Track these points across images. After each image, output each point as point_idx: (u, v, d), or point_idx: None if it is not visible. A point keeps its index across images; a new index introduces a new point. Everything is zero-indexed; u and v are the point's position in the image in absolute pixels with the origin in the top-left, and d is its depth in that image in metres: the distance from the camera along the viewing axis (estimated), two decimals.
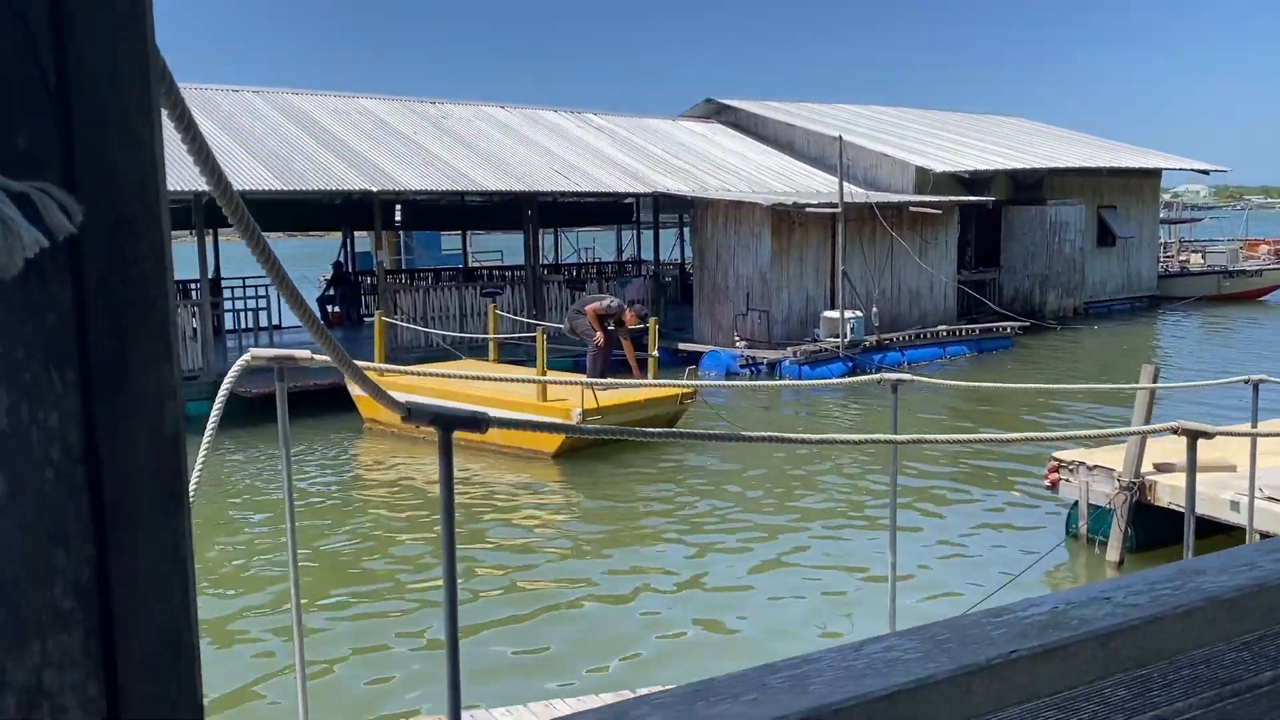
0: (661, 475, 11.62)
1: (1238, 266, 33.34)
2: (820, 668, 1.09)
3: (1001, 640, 1.14)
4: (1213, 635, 1.26)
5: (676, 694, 1.03)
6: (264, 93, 20.70)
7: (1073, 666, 1.14)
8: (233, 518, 10.48)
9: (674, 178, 22.01)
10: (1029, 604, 1.25)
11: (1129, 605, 1.22)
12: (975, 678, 1.08)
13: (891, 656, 1.11)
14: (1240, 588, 1.28)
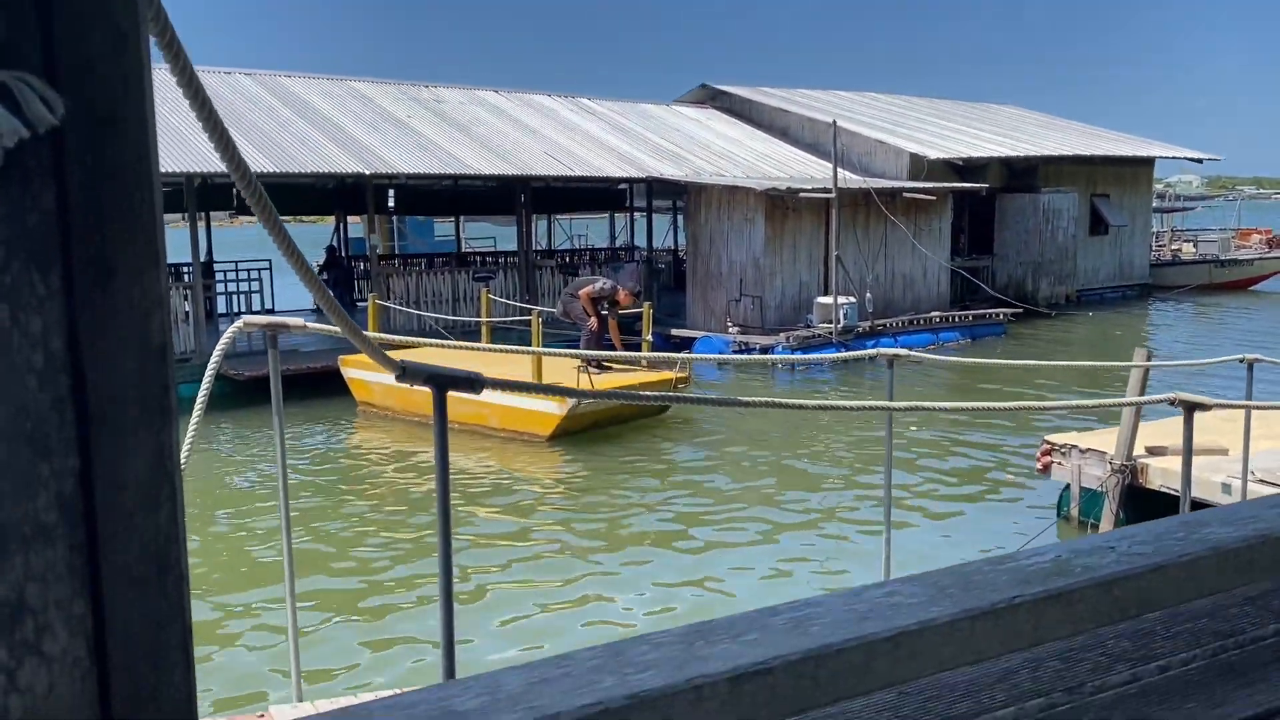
0: (657, 460, 11.62)
1: (1229, 256, 33.41)
2: (821, 610, 1.07)
3: (1005, 586, 1.12)
4: (1217, 584, 1.25)
5: (675, 634, 1.01)
6: (256, 75, 20.58)
7: (1077, 612, 1.13)
8: (227, 495, 10.45)
9: (668, 163, 21.96)
10: (1033, 553, 1.23)
11: (1133, 554, 1.21)
12: (979, 621, 1.07)
13: (894, 601, 1.09)
14: (1245, 539, 1.26)
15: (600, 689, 0.88)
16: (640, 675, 0.91)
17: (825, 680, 0.98)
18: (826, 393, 15.83)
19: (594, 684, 0.89)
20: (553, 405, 11.95)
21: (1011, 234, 25.03)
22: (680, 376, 13.09)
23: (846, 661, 1.00)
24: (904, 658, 1.03)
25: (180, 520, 0.70)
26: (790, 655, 0.96)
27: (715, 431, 13.00)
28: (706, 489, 10.42)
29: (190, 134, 16.36)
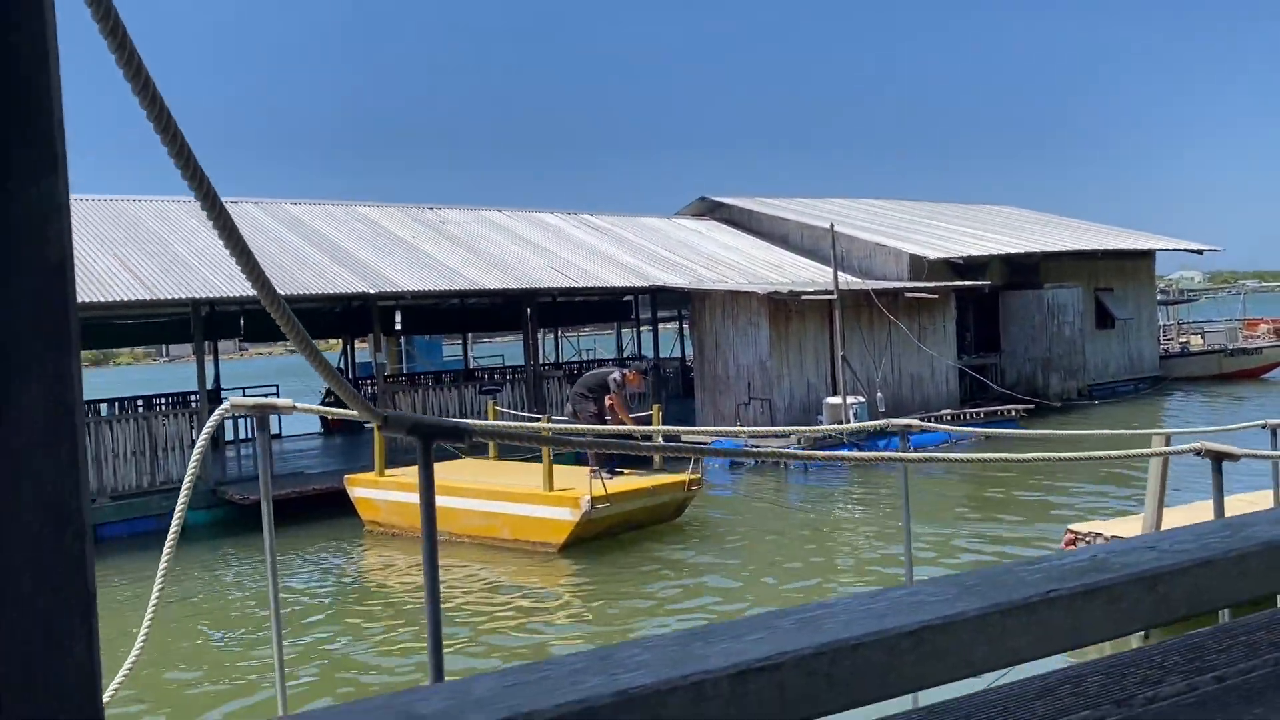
0: (672, 566, 11.34)
1: (1238, 345, 33.36)
2: (835, 611, 0.96)
3: (1037, 582, 1.01)
4: (1271, 583, 1.13)
5: (671, 637, 0.90)
6: (263, 203, 20.99)
7: (1119, 611, 1.01)
8: (229, 619, 10.20)
9: (671, 272, 22.17)
10: (1065, 554, 1.12)
11: (1176, 551, 1.10)
12: (1011, 617, 0.95)
13: (916, 600, 0.98)
14: None
15: (584, 688, 0.77)
16: (630, 674, 0.80)
17: (841, 680, 0.87)
18: (836, 499, 15.60)
19: (577, 684, 0.78)
20: (565, 512, 11.74)
21: (1018, 330, 25.06)
22: (694, 478, 12.92)
23: (864, 659, 0.88)
24: (929, 656, 0.91)
25: (82, 467, 0.61)
26: (801, 651, 0.85)
27: (730, 536, 12.76)
28: (722, 593, 10.15)
29: (195, 262, 16.59)
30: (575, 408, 13.39)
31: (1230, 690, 1.09)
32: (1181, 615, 1.07)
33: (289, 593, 11.16)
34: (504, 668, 0.84)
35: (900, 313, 21.14)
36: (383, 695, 0.80)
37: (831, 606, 0.97)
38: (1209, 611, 1.13)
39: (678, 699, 0.78)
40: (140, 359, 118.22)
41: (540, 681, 0.78)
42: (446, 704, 0.74)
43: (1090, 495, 14.05)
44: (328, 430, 23.90)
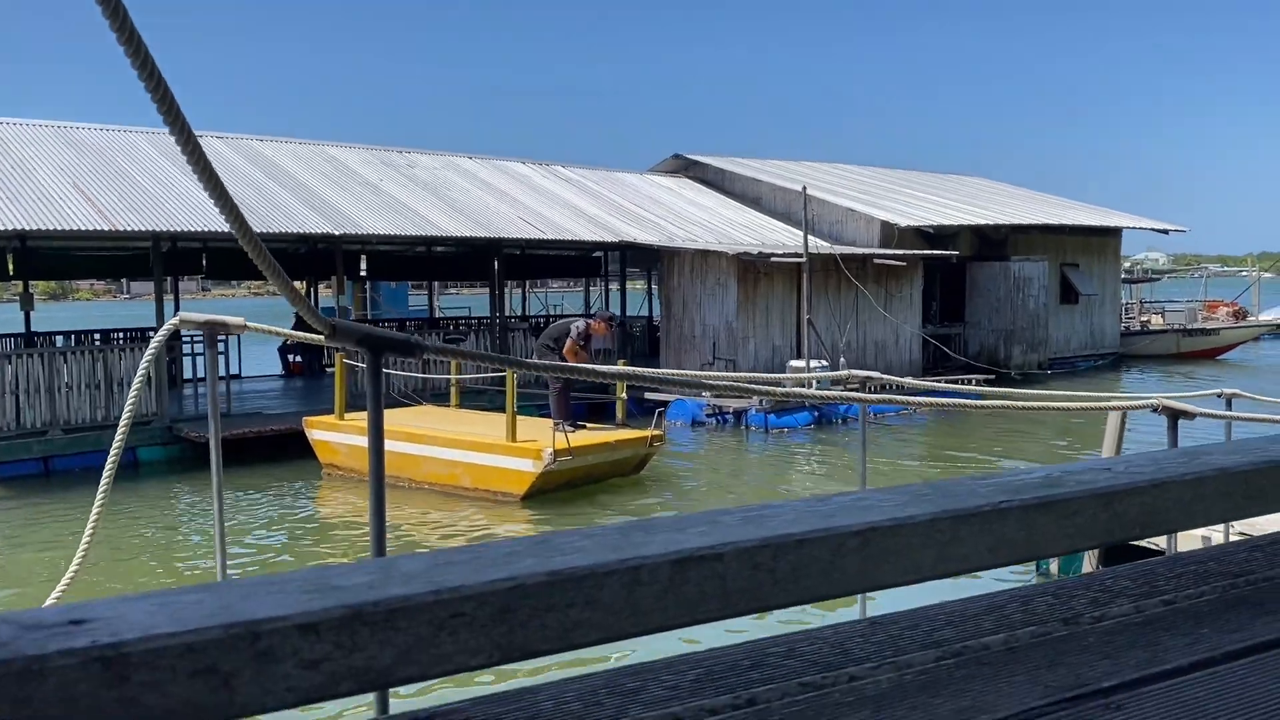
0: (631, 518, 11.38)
1: (1196, 325, 33.84)
2: (782, 510, 0.93)
3: (990, 494, 0.98)
4: (1225, 512, 1.12)
5: (611, 527, 0.87)
6: (228, 139, 20.59)
7: (1073, 525, 0.99)
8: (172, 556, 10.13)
9: (642, 229, 22.05)
10: (1019, 471, 1.10)
11: (1132, 473, 1.08)
12: (962, 524, 0.93)
13: (864, 504, 0.95)
14: (1253, 464, 1.14)
15: (517, 566, 0.74)
16: (566, 557, 0.77)
17: (784, 575, 0.84)
18: (797, 459, 15.71)
19: (510, 564, 0.75)
20: (527, 463, 11.73)
21: (983, 301, 25.22)
22: (656, 434, 12.94)
23: (809, 555, 0.85)
24: (875, 557, 0.88)
25: None
26: (744, 543, 0.82)
27: (690, 493, 12.82)
28: None
29: (159, 194, 16.27)
30: (540, 359, 13.35)
31: (1177, 612, 1.08)
32: (1135, 534, 1.06)
33: (240, 531, 11.09)
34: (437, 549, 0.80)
35: (868, 279, 21.20)
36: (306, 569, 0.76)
37: (779, 506, 0.94)
38: (1163, 533, 1.11)
39: (614, 582, 0.75)
40: (100, 294, 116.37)
41: (472, 561, 0.75)
42: (370, 578, 0.71)
43: (1047, 446, 14.25)
44: (288, 372, 23.69)
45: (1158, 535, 1.11)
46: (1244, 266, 68.59)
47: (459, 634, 0.69)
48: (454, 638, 0.69)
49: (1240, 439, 1.28)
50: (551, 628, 0.72)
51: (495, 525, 11.12)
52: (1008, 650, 0.97)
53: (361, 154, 22.09)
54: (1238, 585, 1.16)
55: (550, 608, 0.72)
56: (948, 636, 0.99)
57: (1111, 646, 0.98)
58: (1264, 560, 1.25)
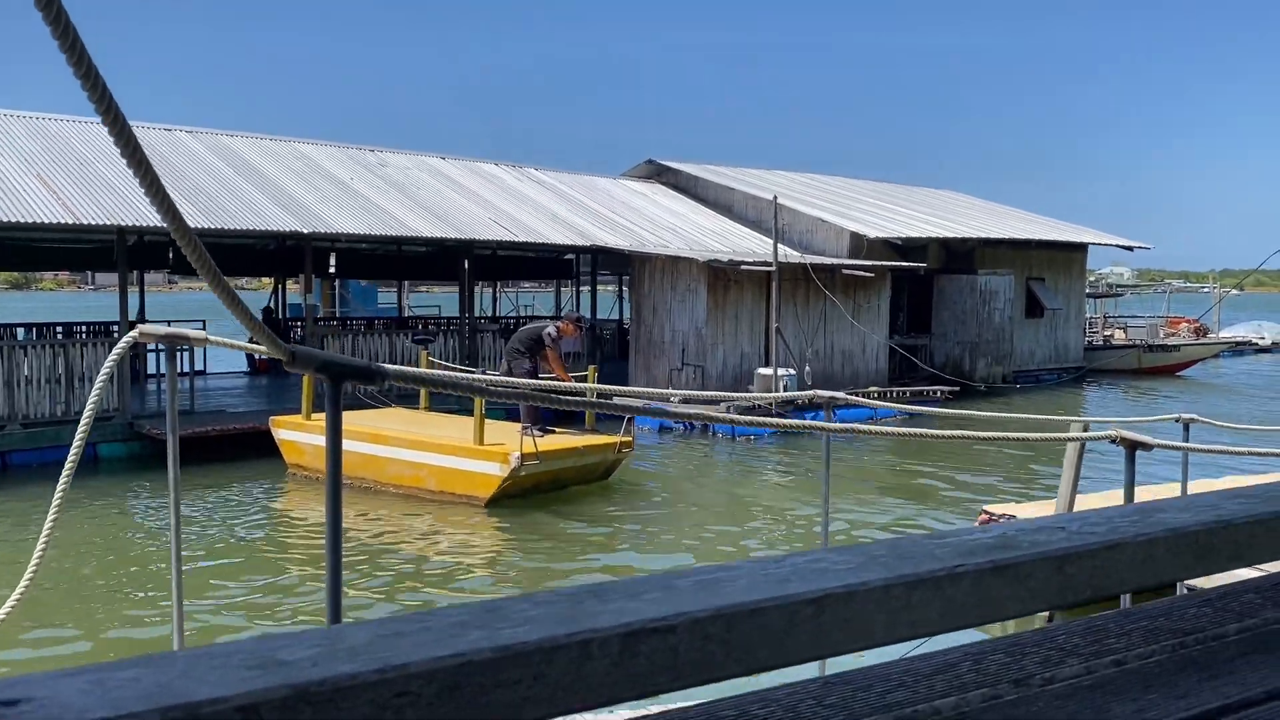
0: (597, 525, 11.36)
1: (1157, 342, 34.30)
2: (737, 574, 0.93)
3: (945, 556, 0.99)
4: (1175, 571, 1.13)
5: (564, 593, 0.86)
6: (197, 133, 20.38)
7: (1026, 589, 1.00)
8: (131, 556, 9.99)
9: (614, 233, 22.04)
10: (974, 530, 1.10)
11: (1085, 533, 1.09)
12: (916, 590, 0.93)
13: (819, 566, 0.95)
14: (1204, 524, 1.15)
15: (464, 641, 0.73)
16: (514, 629, 0.76)
17: (737, 645, 0.84)
18: (763, 468, 15.76)
19: (457, 636, 0.74)
20: (494, 467, 11.66)
21: (949, 314, 25.43)
22: (625, 440, 12.89)
23: (762, 625, 0.85)
24: (829, 625, 0.88)
25: None
26: (697, 614, 0.82)
27: (655, 499, 12.81)
28: (642, 554, 10.20)
29: (123, 187, 16.08)
30: (510, 364, 13.25)
31: (1128, 674, 1.09)
32: (1086, 598, 1.07)
33: (198, 531, 10.96)
34: (384, 616, 0.79)
35: (837, 289, 21.32)
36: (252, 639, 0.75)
37: (733, 570, 0.93)
38: (1113, 596, 1.12)
39: (563, 657, 0.74)
40: (64, 285, 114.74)
41: (420, 632, 0.74)
42: (315, 651, 0.70)
43: (1007, 478, 14.39)
44: (255, 370, 23.47)
45: (1109, 596, 1.12)
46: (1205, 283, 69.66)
47: (404, 713, 0.68)
48: (399, 716, 0.68)
49: (1192, 495, 1.29)
50: (498, 704, 0.71)
51: (458, 532, 11.05)
52: (958, 715, 0.97)
53: (333, 151, 21.94)
54: (1186, 644, 1.17)
55: (498, 684, 0.71)
56: (900, 699, 0.99)
57: (1062, 713, 0.99)
58: (1212, 616, 1.26)
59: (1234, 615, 1.26)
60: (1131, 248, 33.37)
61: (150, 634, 7.73)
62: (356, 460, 12.41)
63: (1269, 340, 46.83)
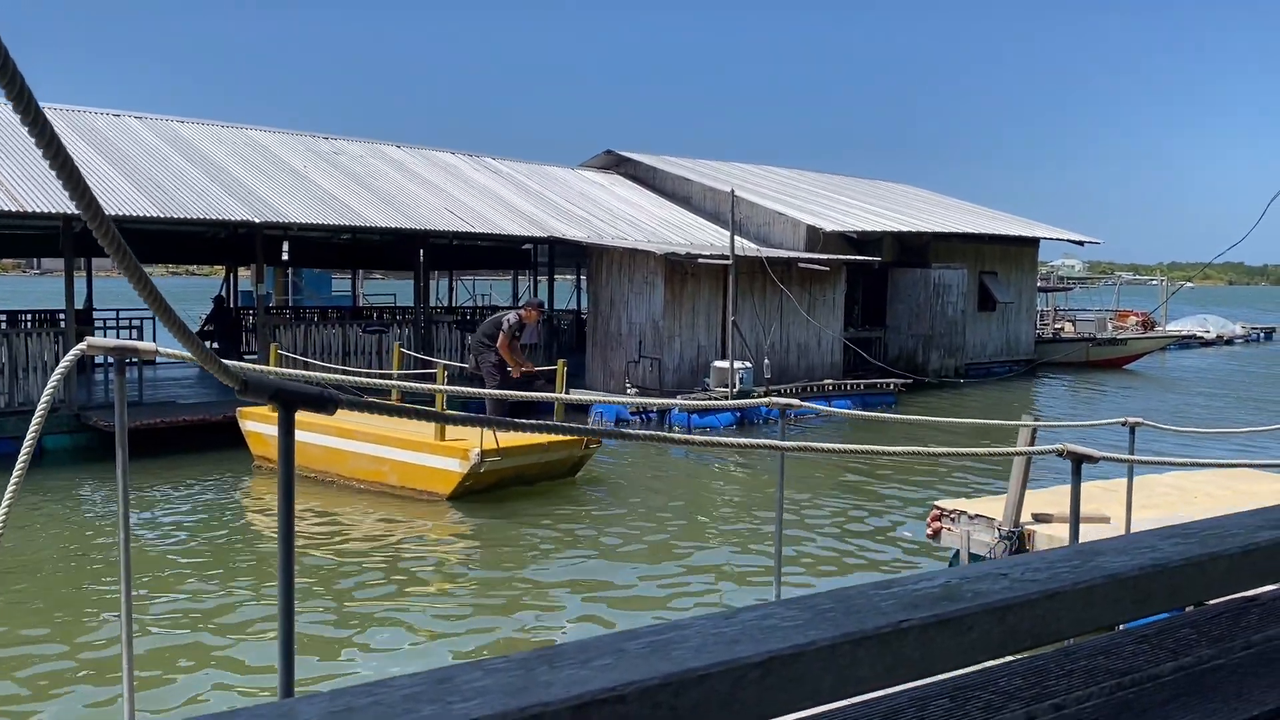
0: (559, 522, 11.27)
1: (1106, 335, 34.93)
2: (687, 634, 0.94)
3: (891, 610, 1.01)
4: (1113, 616, 1.16)
5: (516, 659, 0.87)
6: (147, 119, 20.01)
7: (967, 641, 1.02)
8: (78, 555, 9.83)
9: (571, 224, 21.99)
10: (920, 577, 1.13)
11: (1027, 580, 1.12)
12: (861, 647, 0.95)
13: (768, 624, 0.97)
14: (1141, 568, 1.18)
15: (416, 717, 0.73)
16: (466, 704, 0.76)
17: (686, 711, 0.85)
18: (722, 464, 15.85)
19: (409, 712, 0.74)
20: (454, 463, 11.54)
21: (903, 307, 25.69)
22: (591, 439, 12.80)
23: (710, 690, 0.86)
24: (775, 686, 0.90)
25: None
26: (647, 681, 0.83)
27: (618, 494, 12.79)
28: (601, 550, 10.22)
29: None
30: (476, 358, 13.12)
31: (1066, 719, 1.12)
32: (1028, 645, 1.09)
33: (151, 531, 10.81)
34: (335, 689, 0.79)
35: (793, 282, 21.44)
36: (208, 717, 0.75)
37: (685, 629, 0.95)
38: (1055, 641, 1.15)
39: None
40: (9, 269, 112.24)
41: (371, 707, 0.74)
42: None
43: (960, 470, 14.59)
44: None
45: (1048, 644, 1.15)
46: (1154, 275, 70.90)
47: None
48: None
49: (1131, 536, 1.33)
50: None
51: (417, 530, 10.97)
52: None
53: (286, 139, 21.65)
54: (1124, 686, 1.20)
55: None
56: None
57: None
58: (1149, 654, 1.30)
59: (1169, 653, 1.30)
60: (1082, 242, 33.91)
61: (98, 654, 7.62)
62: (319, 454, 12.29)
63: (1214, 334, 47.88)
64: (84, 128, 18.38)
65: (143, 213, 15.57)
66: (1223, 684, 1.22)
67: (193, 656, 7.15)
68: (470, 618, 8.22)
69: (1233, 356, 41.14)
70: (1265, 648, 1.33)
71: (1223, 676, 1.24)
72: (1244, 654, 1.32)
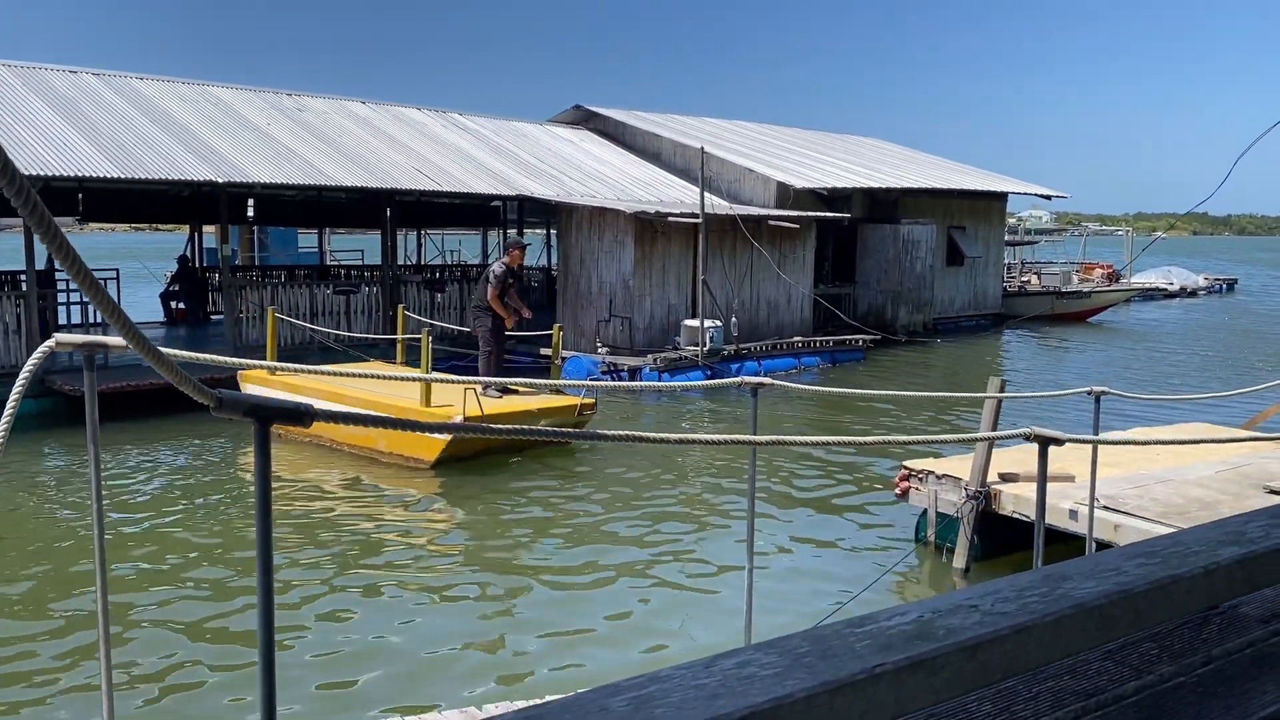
0: (541, 487, 11.18)
1: (1070, 288, 35.25)
2: (668, 688, 0.96)
3: (866, 652, 1.04)
4: (1080, 644, 1.20)
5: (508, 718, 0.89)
6: (105, 76, 19.57)
7: (939, 681, 1.05)
8: (41, 529, 9.77)
9: (540, 182, 21.82)
10: (894, 613, 1.15)
11: (997, 614, 1.15)
12: (838, 696, 0.98)
13: (746, 673, 0.99)
14: (1107, 594, 1.22)
15: None
16: None
17: None
18: (693, 416, 15.92)
19: None
20: None
21: (872, 263, 25.78)
22: (587, 402, 12.44)
23: None
24: None
25: None
26: None
27: (597, 458, 12.62)
28: (588, 511, 10.26)
29: (28, 137, 15.44)
30: (474, 323, 12.85)
31: None
32: (998, 679, 1.13)
33: (123, 500, 10.75)
34: None
35: (763, 239, 21.44)
36: None
37: (665, 682, 0.97)
38: (1024, 672, 1.19)
39: None
40: None
41: None
42: None
43: (928, 423, 14.76)
44: (171, 320, 22.89)
45: (1018, 675, 1.19)
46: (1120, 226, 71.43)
47: None
48: None
49: (1097, 557, 1.36)
50: None
51: (399, 499, 10.82)
52: None
53: (249, 96, 21.26)
54: (1088, 709, 1.24)
55: None
56: None
57: None
58: (1113, 672, 1.34)
59: (1133, 671, 1.34)
60: (1050, 196, 34.08)
61: (76, 641, 7.59)
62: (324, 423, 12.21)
63: (1177, 286, 48.45)
64: (40, 86, 17.96)
65: (103, 173, 15.29)
66: (1182, 706, 1.26)
67: (170, 624, 7.15)
68: (444, 589, 8.26)
69: (1195, 308, 41.70)
70: (1224, 663, 1.38)
71: (1183, 696, 1.29)
72: (1203, 670, 1.36)
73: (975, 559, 8.41)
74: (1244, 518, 1.56)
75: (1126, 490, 8.03)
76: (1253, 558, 1.38)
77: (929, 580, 8.62)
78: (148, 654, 6.67)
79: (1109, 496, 7.61)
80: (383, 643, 6.95)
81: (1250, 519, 1.53)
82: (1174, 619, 1.36)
